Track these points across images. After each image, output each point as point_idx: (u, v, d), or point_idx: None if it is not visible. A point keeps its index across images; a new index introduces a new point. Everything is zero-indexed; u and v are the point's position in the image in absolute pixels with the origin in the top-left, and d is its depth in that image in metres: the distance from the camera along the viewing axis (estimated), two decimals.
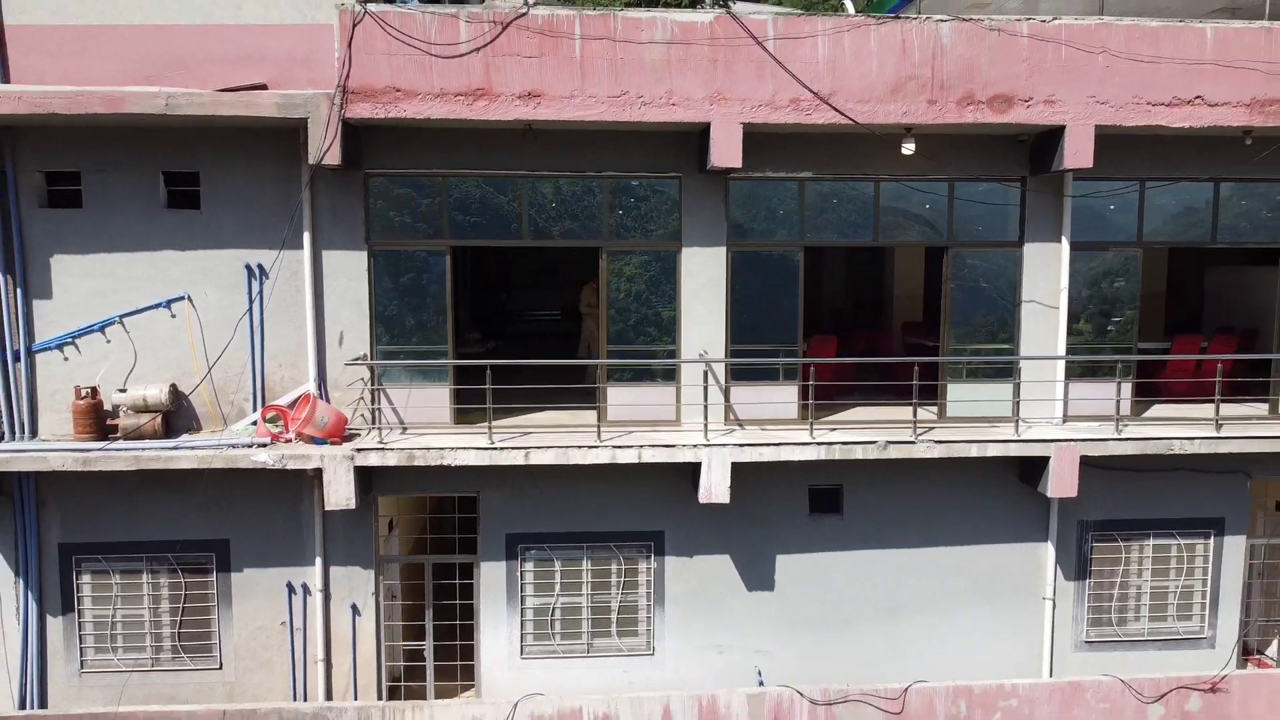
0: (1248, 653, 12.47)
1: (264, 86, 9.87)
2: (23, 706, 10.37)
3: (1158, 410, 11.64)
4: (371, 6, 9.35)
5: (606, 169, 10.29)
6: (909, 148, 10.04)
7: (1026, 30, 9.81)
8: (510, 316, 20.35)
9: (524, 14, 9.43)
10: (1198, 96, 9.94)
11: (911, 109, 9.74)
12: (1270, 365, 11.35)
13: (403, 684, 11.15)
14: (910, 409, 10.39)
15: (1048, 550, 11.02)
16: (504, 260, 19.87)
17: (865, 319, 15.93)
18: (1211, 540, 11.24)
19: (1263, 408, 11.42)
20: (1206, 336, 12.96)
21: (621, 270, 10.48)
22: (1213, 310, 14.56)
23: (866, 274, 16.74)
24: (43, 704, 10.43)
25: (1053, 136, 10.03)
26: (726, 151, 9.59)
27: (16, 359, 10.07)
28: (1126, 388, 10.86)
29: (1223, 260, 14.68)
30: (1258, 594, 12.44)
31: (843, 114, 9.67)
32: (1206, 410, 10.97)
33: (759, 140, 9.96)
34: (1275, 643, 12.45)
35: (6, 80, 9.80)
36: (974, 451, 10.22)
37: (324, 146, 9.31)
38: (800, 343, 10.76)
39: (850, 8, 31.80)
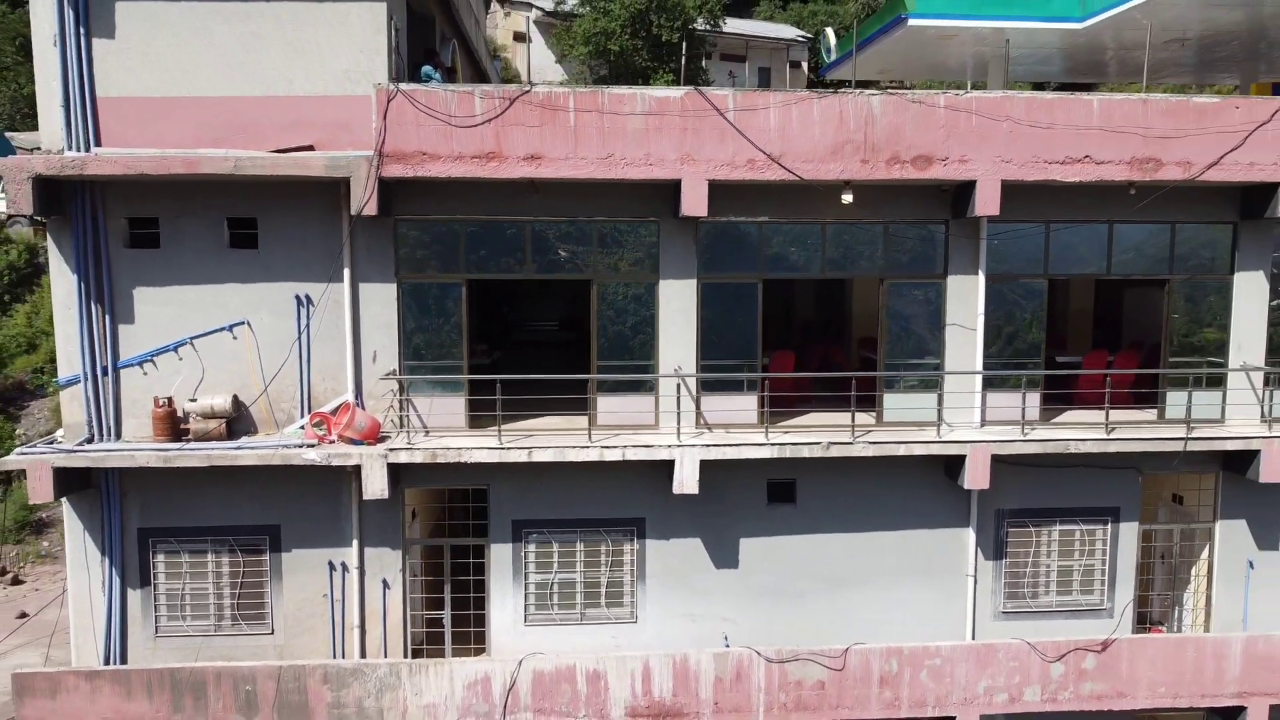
0: (1150, 624, 14.62)
1: (311, 147, 11.96)
2: (107, 663, 12.47)
3: (1069, 415, 13.77)
4: (403, 85, 11.46)
5: (596, 215, 12.40)
6: (847, 198, 12.16)
7: (943, 102, 11.93)
8: (512, 327, 22.44)
9: (527, 91, 11.52)
10: (1086, 156, 12.07)
11: (848, 167, 11.87)
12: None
13: (425, 646, 13.27)
14: (866, 413, 12.52)
15: (969, 534, 13.15)
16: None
17: (830, 331, 18.06)
18: (1109, 526, 13.37)
19: (1155, 414, 13.52)
20: (1126, 350, 15.08)
21: (609, 299, 12.60)
22: (1130, 326, 16.67)
23: (832, 292, 18.85)
24: (123, 661, 12.53)
25: (968, 188, 12.15)
26: (695, 203, 11.71)
27: (105, 374, 12.17)
28: (1035, 397, 12.99)
29: (1138, 282, 16.79)
30: (1160, 573, 14.61)
31: (791, 172, 11.79)
32: (1111, 415, 13.09)
33: (723, 190, 12.05)
34: (1176, 615, 14.58)
35: (98, 143, 11.90)
36: (902, 451, 12.36)
37: (363, 200, 11.42)
38: (760, 359, 12.89)
39: (831, 38, 34.04)
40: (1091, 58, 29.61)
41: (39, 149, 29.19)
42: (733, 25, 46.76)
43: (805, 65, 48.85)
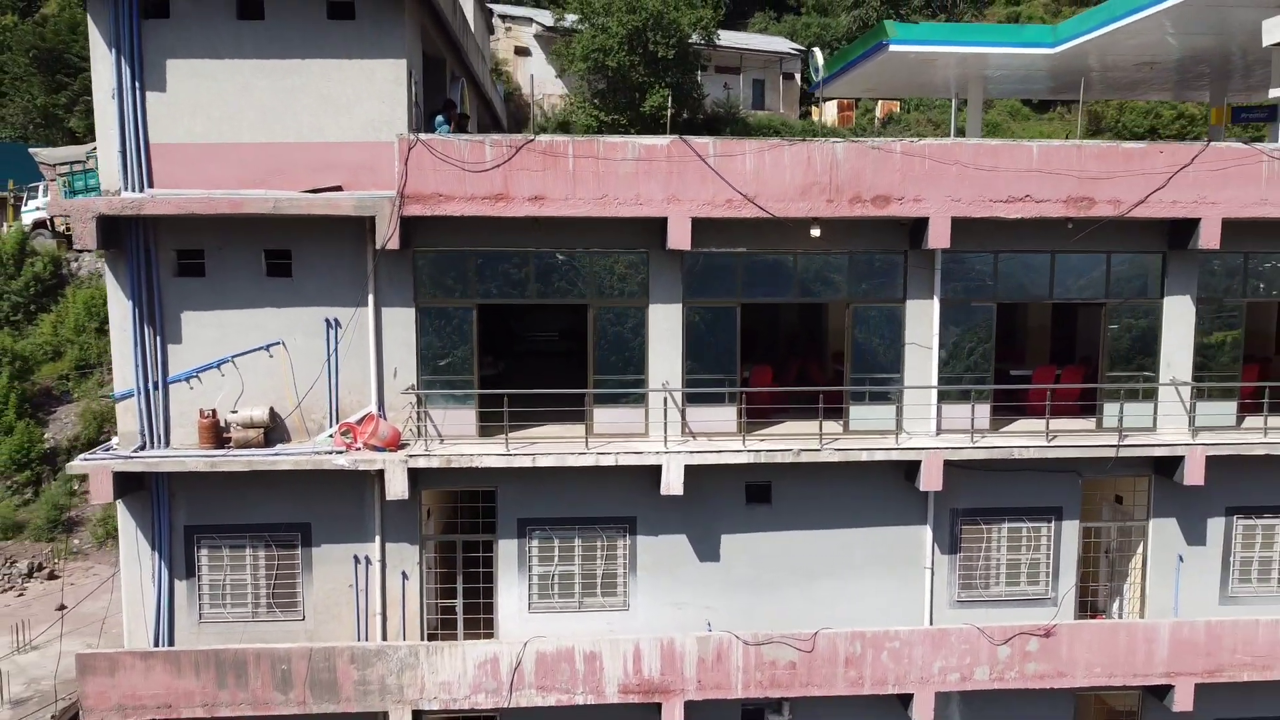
0: (1094, 611, 16.24)
1: (340, 187, 13.57)
2: (157, 645, 14.08)
3: (1019, 424, 15.37)
4: (422, 136, 13.07)
5: (593, 247, 14.01)
6: (815, 233, 13.77)
7: (899, 148, 13.55)
8: (516, 337, 24.06)
9: (532, 140, 13.12)
10: (1027, 195, 13.69)
11: (815, 206, 13.48)
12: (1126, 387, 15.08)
13: (439, 631, 14.88)
14: (831, 423, 14.14)
15: (926, 531, 14.77)
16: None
17: (808, 346, 19.67)
18: (1052, 524, 14.99)
19: (1094, 423, 15.12)
20: (1083, 365, 16.68)
21: (605, 321, 14.21)
22: (1083, 342, 18.28)
23: (810, 310, 20.47)
24: (171, 644, 14.14)
25: (923, 223, 13.76)
26: (680, 237, 13.32)
27: (156, 389, 13.78)
28: (984, 408, 14.60)
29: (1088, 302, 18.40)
30: (1104, 565, 16.23)
31: (764, 210, 13.40)
32: (1053, 424, 14.72)
33: (705, 225, 13.65)
34: (1116, 604, 16.19)
35: (151, 184, 13.50)
36: (865, 457, 13.98)
37: (387, 235, 13.03)
38: (739, 374, 14.50)
39: (819, 58, 35.85)
40: (1070, 78, 31.39)
41: (64, 164, 30.89)
42: (727, 39, 48.30)
43: (799, 77, 50.44)
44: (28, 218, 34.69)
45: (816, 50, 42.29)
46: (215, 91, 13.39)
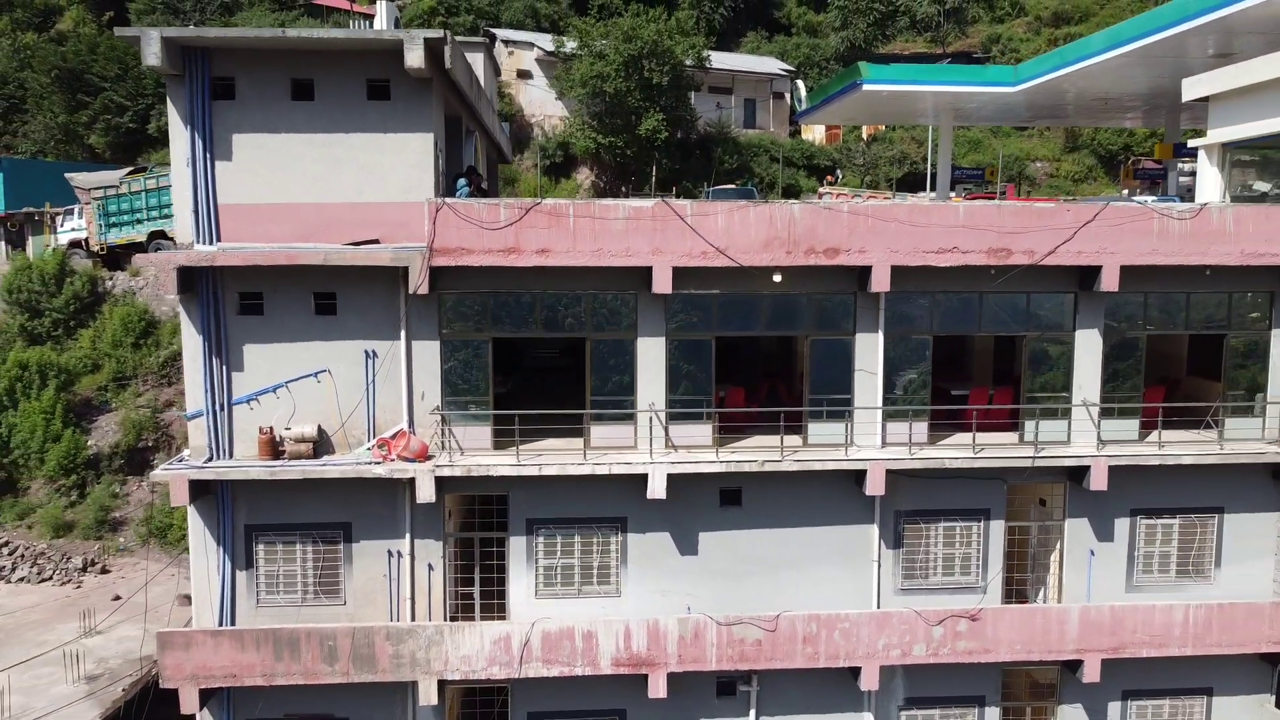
0: (1020, 598, 18.97)
1: (377, 240, 16.30)
2: (221, 625, 16.81)
3: (956, 438, 18.09)
4: (448, 200, 15.81)
5: (590, 289, 16.73)
6: (777, 278, 16.50)
7: (847, 208, 16.30)
8: (522, 355, 26.76)
9: (539, 203, 15.85)
10: (955, 246, 16.42)
11: (776, 257, 16.21)
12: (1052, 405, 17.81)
13: (459, 614, 17.62)
14: (793, 437, 16.87)
15: (873, 529, 17.50)
16: None
17: (779, 369, 22.37)
18: (981, 523, 17.72)
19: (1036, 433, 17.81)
20: (1014, 386, 19.36)
21: (600, 351, 16.95)
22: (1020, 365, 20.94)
23: (782, 338, 23.16)
24: (233, 624, 16.87)
25: (868, 270, 16.48)
26: (663, 283, 16.05)
27: (222, 409, 16.51)
28: (921, 425, 17.33)
29: None
30: (1031, 559, 18.98)
31: (734, 260, 16.13)
32: (981, 438, 17.46)
33: (684, 272, 16.35)
34: (1040, 592, 18.93)
35: (219, 239, 16.23)
36: (819, 466, 16.72)
37: (418, 282, 15.76)
38: (713, 395, 17.22)
39: (803, 90, 39.20)
40: (1031, 111, 34.44)
41: (98, 188, 33.99)
42: (719, 60, 51.06)
43: (788, 96, 53.12)
44: (63, 238, 37.47)
45: (800, 83, 45.09)
46: (273, 160, 16.13)
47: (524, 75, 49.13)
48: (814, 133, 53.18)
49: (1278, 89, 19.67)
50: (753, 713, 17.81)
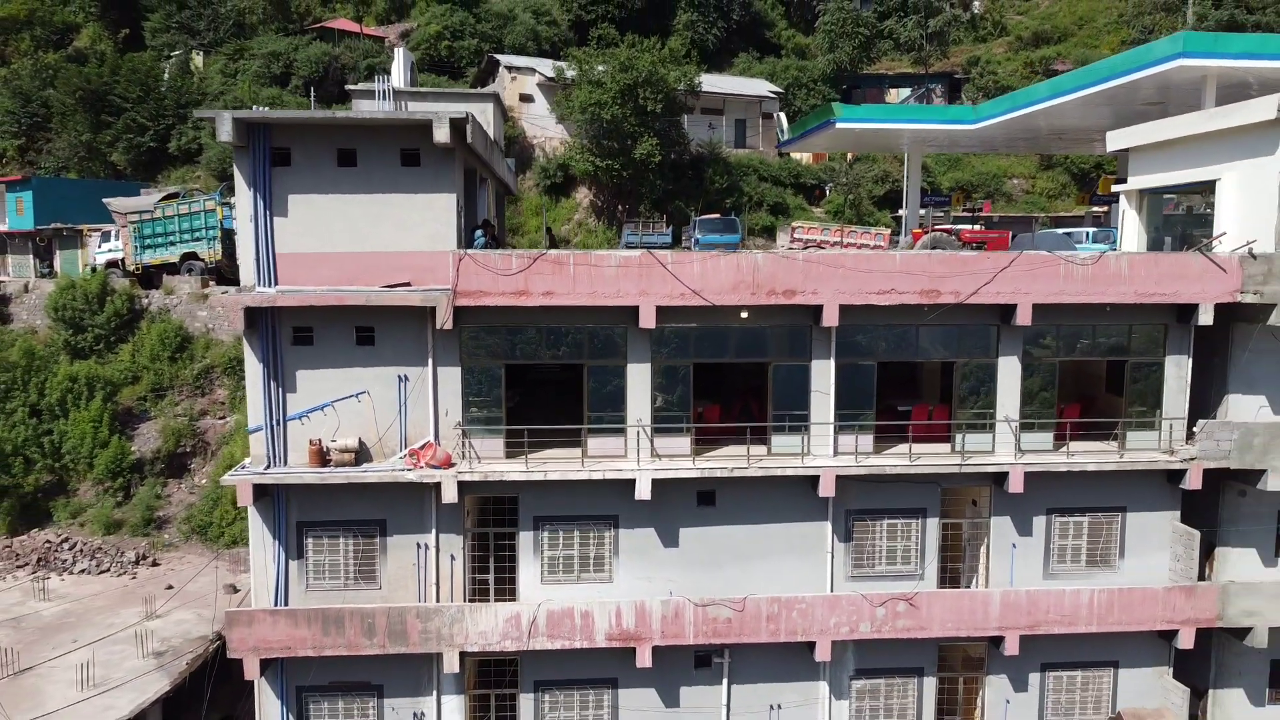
0: (955, 584, 22.33)
1: (409, 284, 19.68)
2: (276, 605, 20.19)
3: (900, 448, 21.46)
4: (468, 251, 19.21)
5: (587, 324, 20.12)
6: (744, 315, 19.90)
7: (802, 257, 19.69)
8: (527, 369, 30.09)
9: (544, 254, 19.24)
10: (892, 288, 19.80)
11: (743, 297, 19.60)
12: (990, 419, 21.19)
13: (477, 597, 21.01)
14: (760, 447, 20.26)
15: (827, 525, 20.88)
16: None
17: (755, 384, 25.70)
18: (919, 520, 21.12)
19: (958, 445, 21.21)
20: (942, 403, 22.75)
21: (596, 376, 20.34)
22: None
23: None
24: (287, 605, 20.24)
25: (820, 308, 19.87)
26: (648, 320, 19.44)
27: (278, 424, 19.90)
28: (867, 437, 20.72)
29: None
30: (964, 550, 22.37)
31: (707, 301, 19.52)
32: (918, 448, 20.84)
33: (666, 310, 19.74)
34: (974, 579, 22.31)
35: (277, 282, 19.61)
36: (779, 472, 20.12)
37: (444, 320, 19.15)
38: (691, 413, 20.60)
39: (784, 122, 43.00)
40: (993, 144, 38.00)
41: (133, 214, 37.81)
42: (711, 83, 54.44)
43: (775, 115, 56.42)
44: (101, 258, 40.80)
45: (782, 115, 48.47)
46: (321, 216, 19.51)
47: (526, 99, 52.51)
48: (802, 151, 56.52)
49: (1183, 146, 23.14)
50: (725, 681, 21.23)
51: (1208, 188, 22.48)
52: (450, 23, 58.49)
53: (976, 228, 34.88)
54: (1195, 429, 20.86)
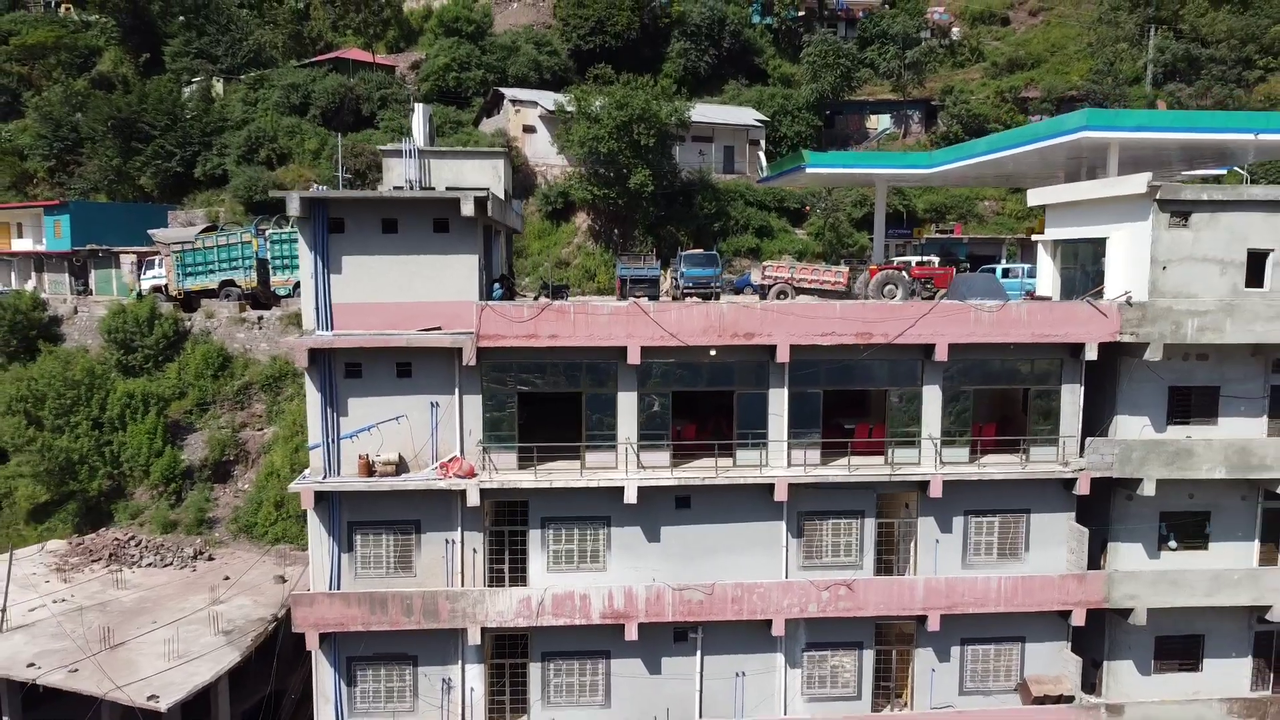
0: (889, 573, 27.26)
1: (439, 328, 24.60)
2: (331, 589, 25.11)
3: (843, 460, 26.37)
4: (488, 303, 24.15)
5: (584, 360, 25.05)
6: (713, 353, 24.84)
7: (760, 307, 24.62)
8: (535, 396, 34.97)
9: (550, 305, 24.16)
10: (834, 331, 24.74)
11: (712, 339, 24.53)
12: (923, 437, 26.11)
13: (494, 583, 25.94)
14: (726, 459, 25.20)
15: (782, 525, 25.82)
16: None
17: (724, 409, 30.61)
18: (859, 521, 26.05)
19: (890, 458, 26.10)
20: (879, 423, 27.63)
21: (592, 402, 25.27)
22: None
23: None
24: (339, 589, 25.18)
25: (774, 347, 24.78)
26: (634, 357, 24.38)
27: (334, 442, 24.84)
28: (815, 451, 25.64)
29: None
30: (897, 545, 27.28)
31: (682, 341, 24.46)
32: (858, 460, 25.75)
33: (650, 349, 24.65)
34: (905, 568, 27.21)
35: (333, 327, 24.53)
36: (742, 480, 25.06)
37: (468, 358, 24.08)
38: (670, 431, 25.53)
39: (764, 160, 48.41)
40: (949, 184, 43.11)
41: (176, 244, 43.53)
42: (701, 113, 59.25)
43: (756, 155, 61.11)
44: (146, 284, 45.76)
45: (762, 154, 53.38)
46: (369, 273, 24.41)
47: (529, 129, 57.41)
48: None
49: (1084, 207, 28.10)
50: (699, 653, 26.16)
51: (1101, 244, 27.38)
52: (457, 55, 63.36)
53: (931, 261, 39.60)
54: (1086, 445, 25.80)
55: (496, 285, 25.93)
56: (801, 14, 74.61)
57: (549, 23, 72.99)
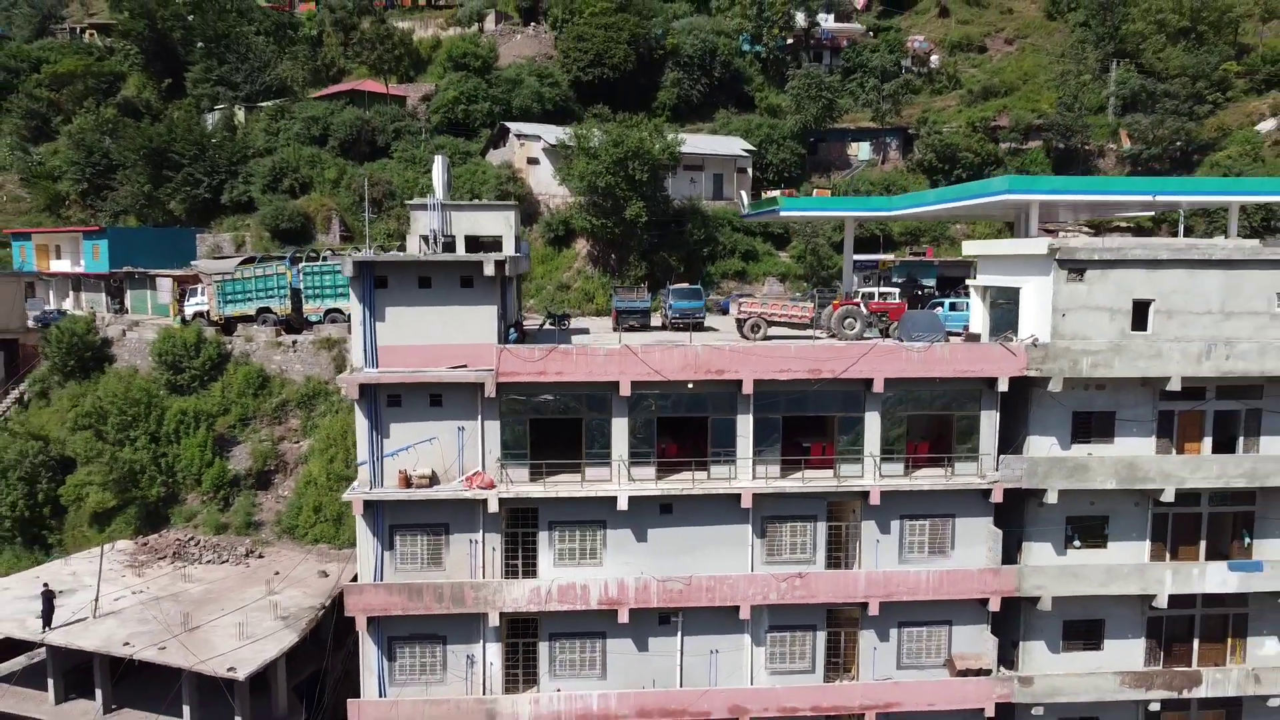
0: (837, 567, 33.22)
1: (465, 366, 30.53)
2: (375, 580, 31.05)
3: (800, 473, 32.30)
4: (506, 346, 30.09)
5: (584, 394, 30.97)
6: (690, 385, 30.78)
7: (728, 348, 30.56)
8: (544, 421, 40.89)
9: (555, 348, 30.09)
10: (789, 368, 30.67)
11: (689, 375, 30.47)
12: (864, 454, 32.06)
13: (509, 575, 31.90)
14: (702, 473, 31.16)
15: (748, 527, 31.77)
16: None
17: (701, 429, 36.55)
18: (813, 523, 32.02)
19: (846, 470, 32.02)
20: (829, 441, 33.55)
21: (590, 426, 31.21)
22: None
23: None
24: (382, 580, 31.13)
25: (741, 381, 30.70)
26: (625, 390, 30.32)
27: (378, 460, 30.78)
28: (775, 466, 31.58)
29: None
30: (845, 544, 33.26)
31: (665, 376, 30.39)
32: (812, 474, 31.67)
33: (638, 383, 30.57)
34: (854, 564, 33.15)
35: (378, 365, 30.46)
36: (715, 491, 31.02)
37: (489, 391, 30.03)
38: (655, 449, 31.47)
39: (745, 198, 54.83)
40: (909, 226, 49.16)
41: (218, 274, 50.49)
42: (692, 144, 65.04)
43: (749, 170, 67.12)
44: (189, 310, 51.64)
45: (744, 193, 59.29)
46: (407, 321, 30.32)
47: (533, 161, 63.29)
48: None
49: (1004, 261, 34.04)
50: (679, 634, 32.12)
51: (1017, 291, 33.28)
52: (465, 89, 69.25)
53: (891, 292, 45.27)
54: (1000, 461, 31.74)
55: (512, 330, 31.87)
56: (790, 42, 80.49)
57: (550, 53, 78.90)
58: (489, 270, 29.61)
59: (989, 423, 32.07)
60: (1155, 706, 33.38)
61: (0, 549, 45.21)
